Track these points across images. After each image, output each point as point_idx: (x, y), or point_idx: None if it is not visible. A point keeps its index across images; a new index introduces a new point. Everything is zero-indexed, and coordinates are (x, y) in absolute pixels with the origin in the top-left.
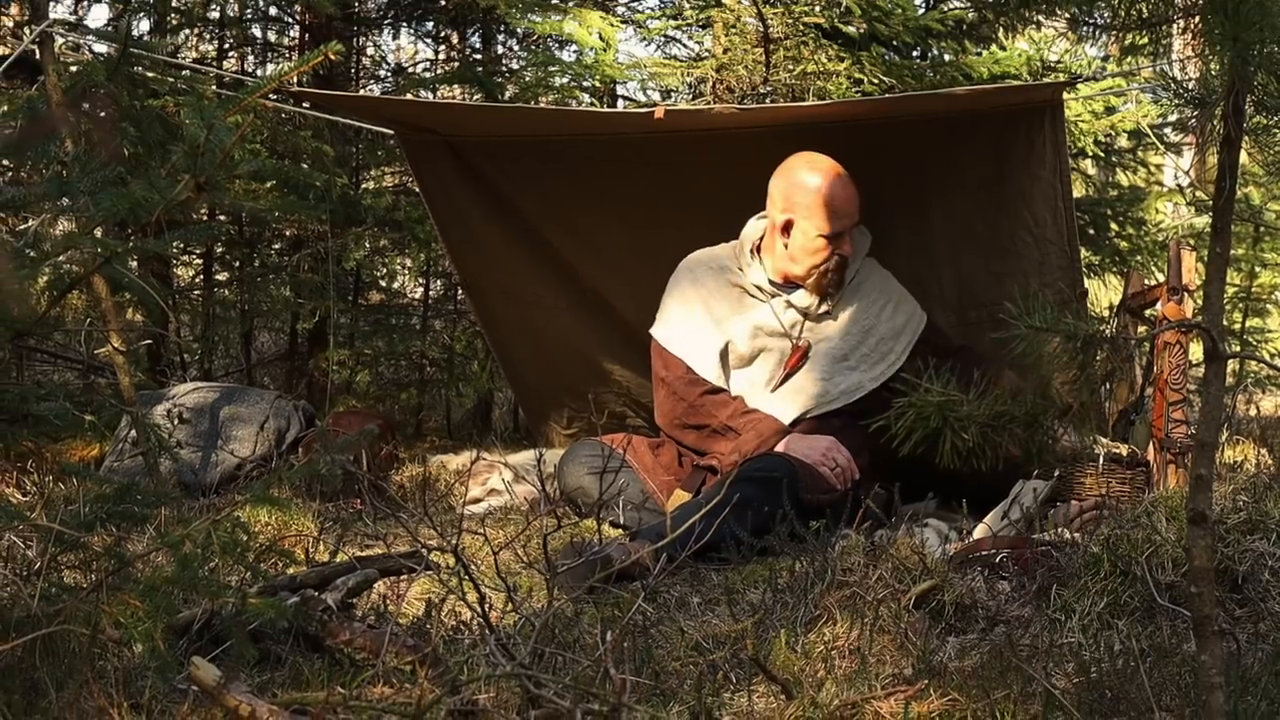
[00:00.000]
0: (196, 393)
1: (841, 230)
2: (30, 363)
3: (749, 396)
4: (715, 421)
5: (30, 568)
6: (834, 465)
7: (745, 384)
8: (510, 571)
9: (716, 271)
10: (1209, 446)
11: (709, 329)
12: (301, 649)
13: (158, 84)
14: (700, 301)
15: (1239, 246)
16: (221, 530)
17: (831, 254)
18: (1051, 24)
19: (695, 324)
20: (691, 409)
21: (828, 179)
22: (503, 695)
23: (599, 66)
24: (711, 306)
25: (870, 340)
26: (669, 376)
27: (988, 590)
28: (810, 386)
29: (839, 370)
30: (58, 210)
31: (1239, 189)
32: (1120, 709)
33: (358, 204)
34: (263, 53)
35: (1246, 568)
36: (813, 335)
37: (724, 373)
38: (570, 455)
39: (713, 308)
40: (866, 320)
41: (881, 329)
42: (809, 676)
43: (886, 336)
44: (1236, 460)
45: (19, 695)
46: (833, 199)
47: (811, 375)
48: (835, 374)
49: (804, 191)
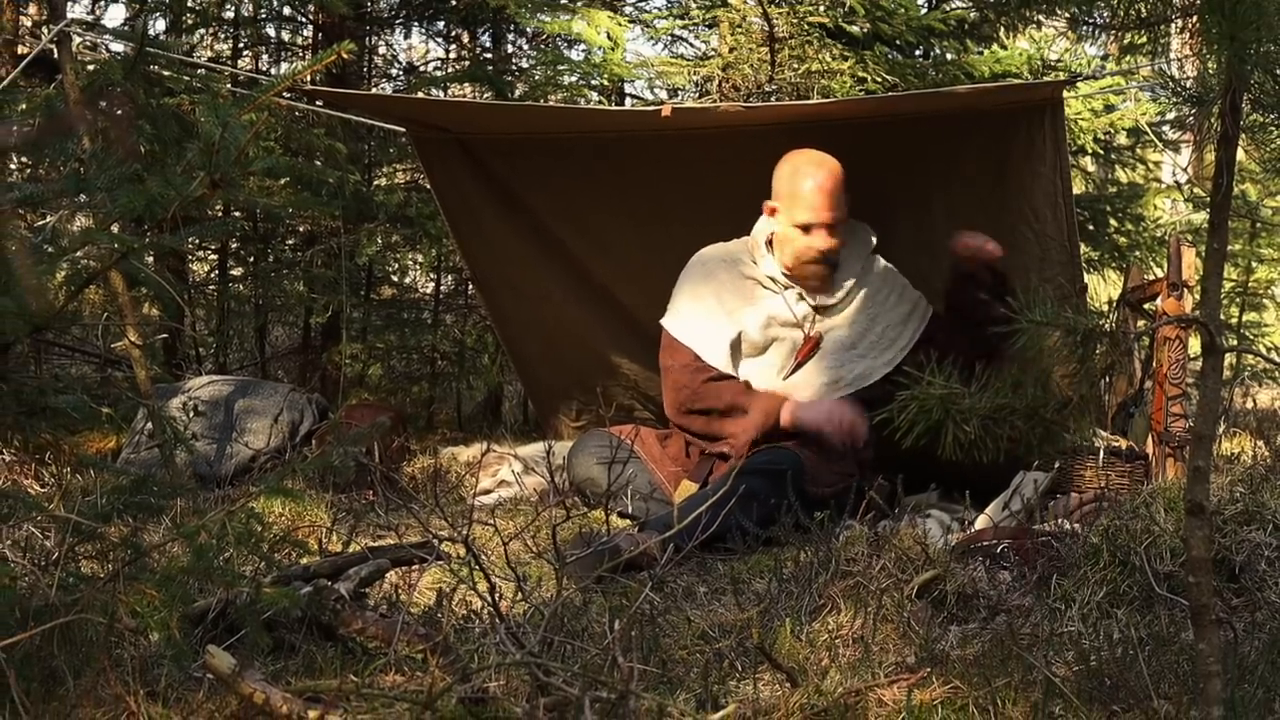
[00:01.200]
0: (212, 386)
1: (815, 222)
2: (48, 356)
3: (761, 384)
4: (721, 403)
5: (48, 558)
6: (839, 424)
7: (757, 372)
8: (520, 561)
9: (729, 264)
10: (1206, 439)
11: (720, 319)
12: (315, 638)
13: (173, 83)
14: (712, 294)
15: (1236, 242)
16: (236, 521)
17: (810, 246)
18: (1052, 23)
19: (706, 314)
20: (696, 395)
21: (809, 171)
22: (513, 683)
23: (607, 65)
24: (723, 298)
25: (877, 328)
26: (675, 364)
27: (989, 580)
28: (821, 375)
29: (849, 359)
30: (75, 206)
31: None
32: (1119, 696)
33: (370, 200)
34: (277, 52)
35: (1243, 558)
36: (824, 326)
37: (733, 362)
38: (579, 446)
39: (724, 299)
40: (872, 309)
41: (888, 317)
42: (813, 664)
43: (893, 324)
44: (1234, 452)
45: (37, 683)
46: (809, 191)
47: (822, 364)
48: (845, 362)
49: (786, 181)
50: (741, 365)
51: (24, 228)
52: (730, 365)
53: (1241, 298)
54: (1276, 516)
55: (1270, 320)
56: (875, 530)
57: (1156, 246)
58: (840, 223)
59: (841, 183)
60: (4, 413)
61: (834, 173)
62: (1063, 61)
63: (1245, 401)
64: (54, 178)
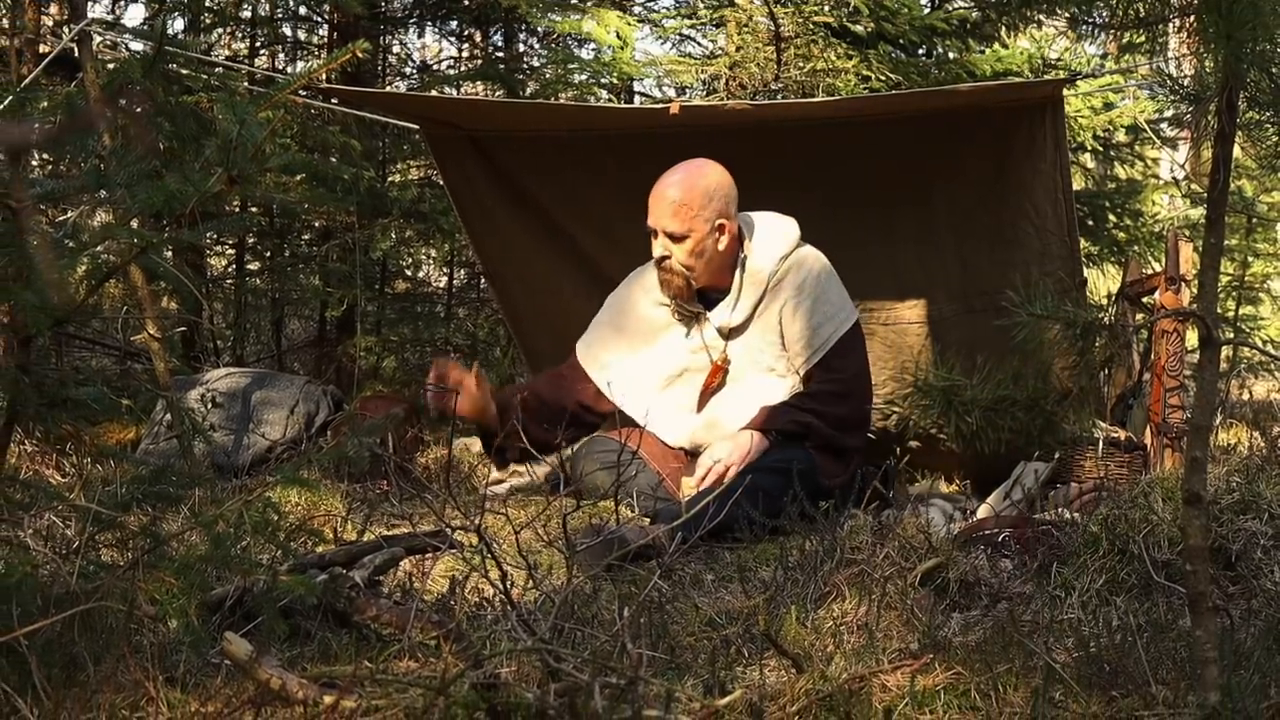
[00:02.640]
0: (229, 378)
1: (651, 226)
2: (69, 349)
3: (674, 421)
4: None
5: (69, 546)
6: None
7: (671, 413)
8: (531, 550)
9: (645, 292)
10: (1204, 430)
11: (625, 358)
12: (330, 624)
13: (192, 81)
14: (620, 332)
15: (1232, 237)
16: (253, 510)
17: (654, 252)
18: (1052, 23)
19: (613, 348)
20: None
21: (662, 177)
22: (524, 669)
23: (617, 64)
24: (629, 334)
25: (789, 335)
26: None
27: (990, 568)
28: (734, 404)
29: (758, 381)
30: (96, 202)
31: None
32: (1118, 682)
33: (384, 196)
34: (293, 51)
35: (1239, 546)
36: (732, 350)
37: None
38: (584, 451)
39: (630, 336)
40: (776, 319)
41: (796, 327)
42: (818, 651)
43: (803, 330)
44: (1230, 443)
45: (59, 669)
46: (651, 196)
47: (735, 390)
48: (753, 388)
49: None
50: (655, 401)
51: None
52: (638, 410)
53: (1238, 292)
54: (1272, 506)
55: (1266, 314)
56: (879, 519)
57: (1155, 241)
58: (678, 237)
59: (695, 195)
60: (26, 404)
61: (681, 183)
62: (1063, 60)
63: (1241, 393)
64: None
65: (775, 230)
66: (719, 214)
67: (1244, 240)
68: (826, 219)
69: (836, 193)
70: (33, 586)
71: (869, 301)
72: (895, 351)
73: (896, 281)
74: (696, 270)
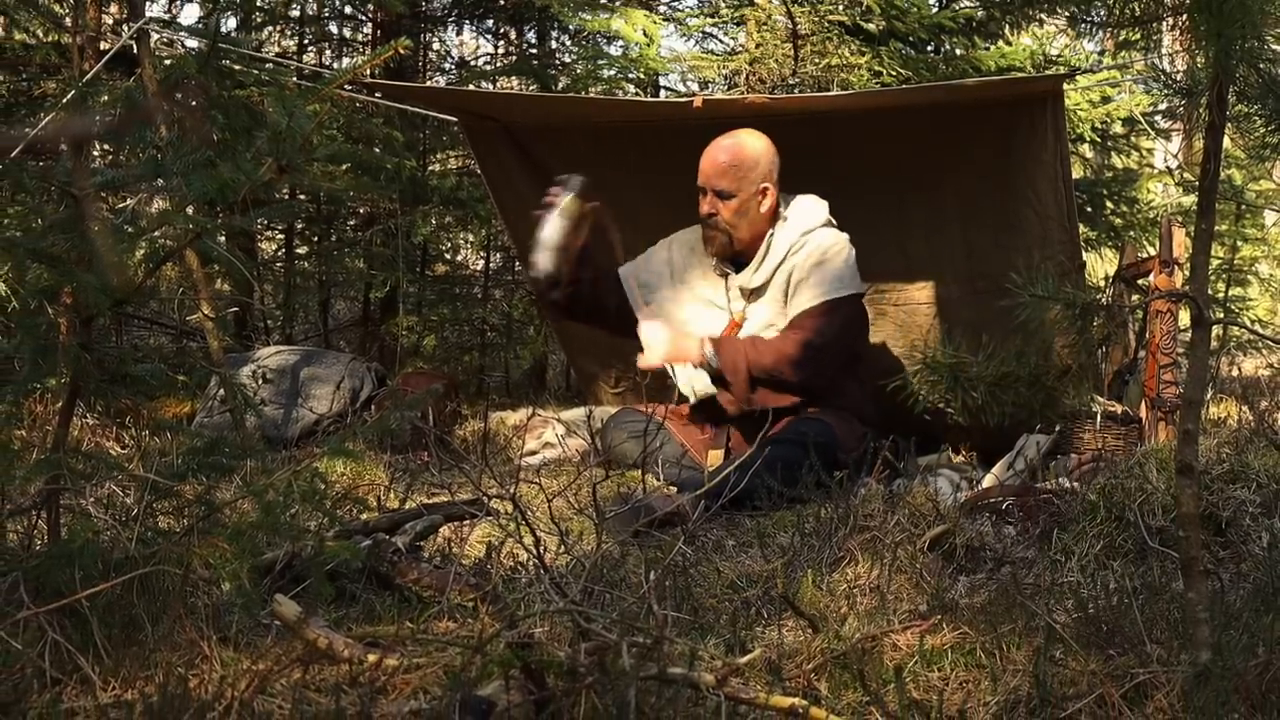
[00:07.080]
0: (279, 355)
1: (699, 184)
2: (128, 328)
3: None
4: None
5: (128, 514)
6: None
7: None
8: (563, 517)
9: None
10: (1195, 404)
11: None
12: (374, 587)
13: (244, 76)
14: (667, 260)
15: (1222, 223)
16: (301, 480)
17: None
18: (1053, 21)
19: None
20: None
21: (714, 141)
22: (556, 629)
23: (643, 60)
24: (674, 263)
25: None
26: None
27: (995, 534)
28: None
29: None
30: (153, 190)
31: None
32: (1115, 641)
33: (425, 184)
34: (339, 47)
35: (1229, 514)
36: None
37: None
38: (612, 422)
39: (675, 265)
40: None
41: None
42: (833, 612)
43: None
44: (1220, 417)
45: (118, 629)
46: (702, 157)
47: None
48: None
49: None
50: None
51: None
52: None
53: (1228, 274)
54: (1260, 475)
55: (1254, 295)
56: (890, 488)
57: (1149, 227)
58: (726, 194)
59: (744, 158)
60: (88, 380)
61: (732, 147)
62: (1063, 56)
63: (1231, 370)
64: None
65: (807, 208)
66: (763, 178)
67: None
68: (841, 206)
69: (850, 182)
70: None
71: (881, 284)
72: (905, 330)
73: (907, 265)
74: (739, 229)
